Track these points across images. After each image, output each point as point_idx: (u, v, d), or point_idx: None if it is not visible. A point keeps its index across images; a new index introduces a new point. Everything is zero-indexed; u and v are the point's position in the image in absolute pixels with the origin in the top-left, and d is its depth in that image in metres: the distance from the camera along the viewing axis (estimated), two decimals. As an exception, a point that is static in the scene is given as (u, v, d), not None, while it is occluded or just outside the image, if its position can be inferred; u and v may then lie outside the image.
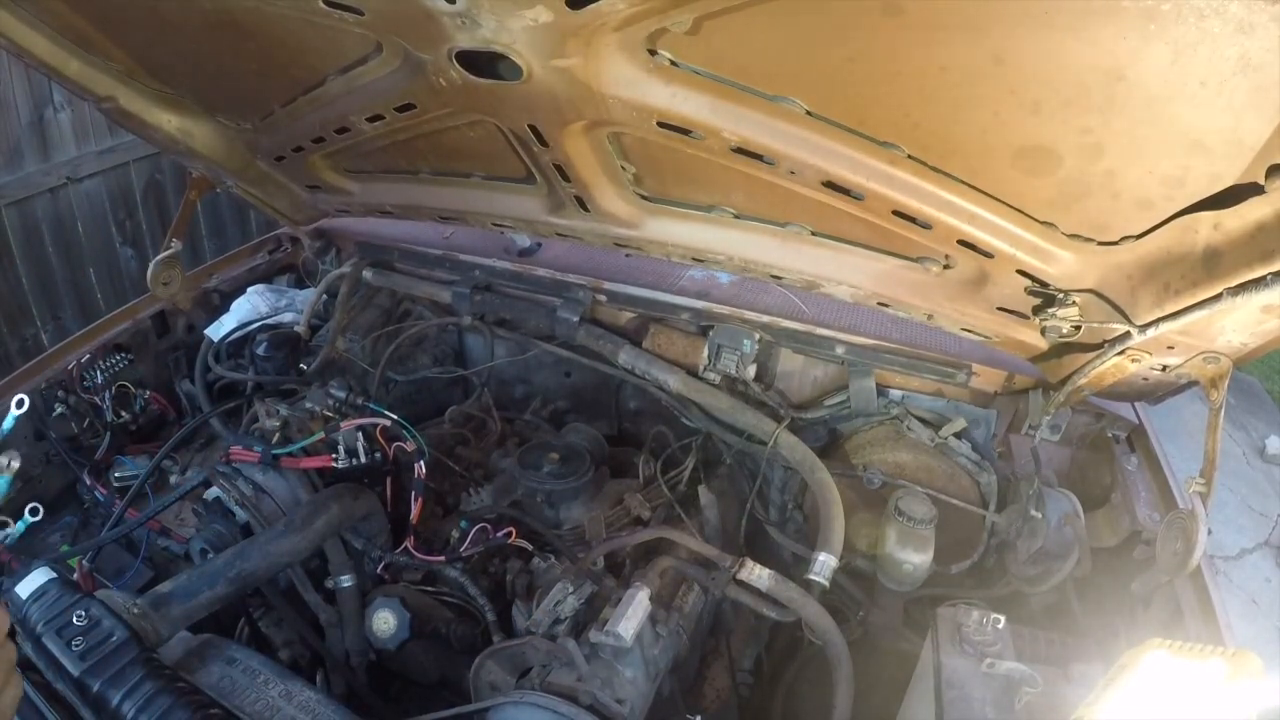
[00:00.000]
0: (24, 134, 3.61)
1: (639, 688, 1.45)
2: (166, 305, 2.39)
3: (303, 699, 1.35)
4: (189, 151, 2.04)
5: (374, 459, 1.88)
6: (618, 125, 1.47)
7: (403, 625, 1.73)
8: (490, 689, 1.54)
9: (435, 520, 2.05)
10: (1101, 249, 1.35)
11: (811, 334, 2.10)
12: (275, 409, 1.92)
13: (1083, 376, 1.62)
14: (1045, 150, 1.18)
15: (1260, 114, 0.99)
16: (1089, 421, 1.93)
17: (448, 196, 2.07)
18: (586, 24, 1.16)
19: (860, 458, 2.04)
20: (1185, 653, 0.99)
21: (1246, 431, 5.15)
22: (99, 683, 1.20)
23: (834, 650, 1.54)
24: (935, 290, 1.69)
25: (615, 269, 2.35)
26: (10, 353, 3.73)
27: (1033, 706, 1.26)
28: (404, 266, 2.55)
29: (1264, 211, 1.10)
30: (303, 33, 1.42)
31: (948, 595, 1.80)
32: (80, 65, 1.72)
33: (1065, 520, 1.69)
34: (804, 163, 1.39)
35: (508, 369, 2.56)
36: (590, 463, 2.08)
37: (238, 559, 1.54)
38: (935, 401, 2.08)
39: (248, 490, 1.76)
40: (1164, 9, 0.89)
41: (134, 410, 2.26)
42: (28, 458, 2.06)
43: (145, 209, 4.26)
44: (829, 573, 1.63)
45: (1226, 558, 4.16)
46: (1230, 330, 1.36)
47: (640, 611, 1.46)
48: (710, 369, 2.12)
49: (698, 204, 1.77)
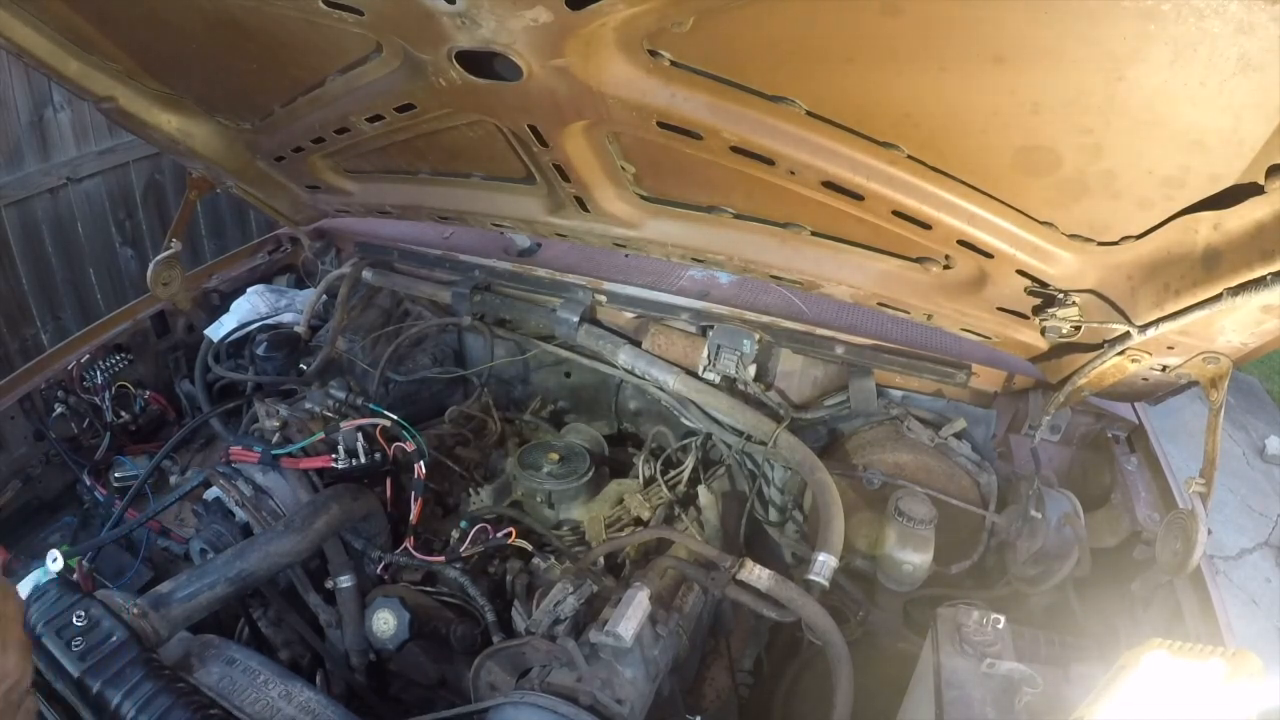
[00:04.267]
0: (24, 134, 3.61)
1: (639, 688, 1.45)
2: (166, 305, 2.39)
3: (303, 699, 1.35)
4: (189, 151, 2.04)
5: (374, 459, 1.88)
6: (618, 125, 1.47)
7: (403, 625, 1.73)
8: (490, 689, 1.54)
9: (435, 520, 2.06)
10: (1101, 249, 1.35)
11: (811, 334, 2.10)
12: (275, 409, 1.92)
13: (1083, 377, 1.62)
14: (1045, 150, 1.18)
15: (1260, 114, 0.99)
16: (1089, 421, 1.93)
17: (447, 196, 2.07)
18: (586, 24, 1.16)
19: (860, 458, 2.04)
20: (1185, 653, 0.99)
21: (1246, 431, 5.16)
22: (99, 683, 1.20)
23: (834, 650, 1.54)
24: (935, 290, 1.69)
25: (615, 269, 2.35)
26: (10, 353, 3.73)
27: (1033, 707, 1.26)
28: (404, 266, 2.55)
29: (1264, 211, 1.10)
30: (303, 33, 1.42)
31: (948, 595, 1.80)
32: (80, 65, 1.72)
33: (1065, 520, 1.69)
34: (804, 163, 1.39)
35: (508, 369, 2.56)
36: (590, 463, 2.08)
37: (238, 559, 1.54)
38: (935, 401, 2.08)
39: (248, 490, 1.76)
40: (1164, 9, 0.89)
41: (134, 410, 2.26)
42: (28, 457, 2.06)
43: (145, 209, 4.26)
44: (829, 573, 1.63)
45: (1226, 558, 4.16)
46: (1230, 330, 1.36)
47: (640, 611, 1.46)
48: (710, 369, 2.12)
49: (698, 204, 1.76)
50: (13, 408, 2.02)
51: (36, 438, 2.08)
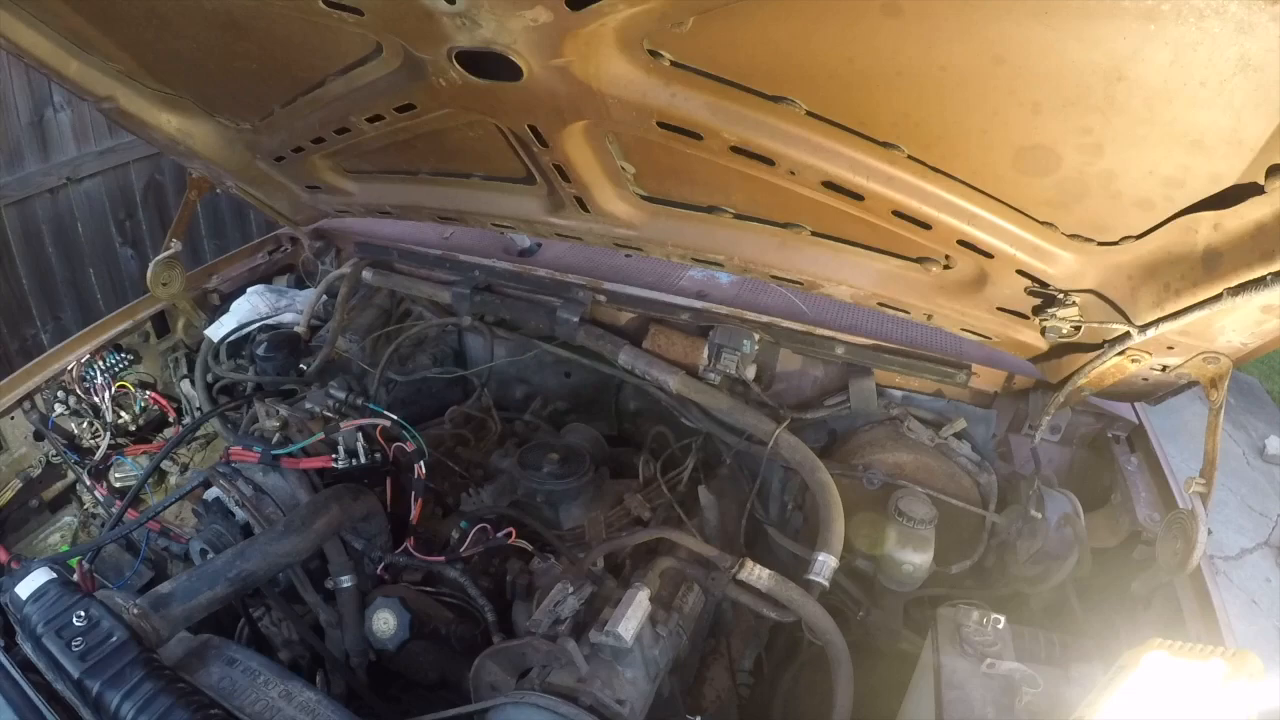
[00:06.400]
0: (24, 134, 3.61)
1: (639, 688, 1.45)
2: (166, 305, 2.39)
3: (303, 699, 1.35)
4: (189, 151, 2.04)
5: (374, 459, 1.88)
6: (618, 125, 1.47)
7: (403, 626, 1.73)
8: (490, 689, 1.54)
9: (435, 521, 2.06)
10: (1101, 249, 1.35)
11: (811, 334, 2.10)
12: (275, 409, 1.92)
13: (1083, 377, 1.61)
14: (1045, 150, 1.18)
15: (1260, 114, 0.99)
16: (1089, 421, 1.93)
17: (448, 196, 2.07)
18: (586, 24, 1.16)
19: (860, 458, 2.04)
20: (1185, 653, 0.99)
21: (1246, 431, 5.16)
22: (99, 683, 1.20)
23: (834, 650, 1.54)
24: (935, 290, 1.69)
25: (615, 269, 2.35)
26: (10, 353, 3.73)
27: (1033, 706, 1.26)
28: (404, 266, 2.54)
29: (1264, 211, 1.10)
30: (303, 33, 1.42)
31: (948, 595, 1.81)
32: (80, 65, 1.72)
33: (1065, 520, 1.69)
34: (804, 163, 1.39)
35: (508, 369, 2.56)
36: (590, 463, 2.08)
37: (238, 559, 1.54)
38: (935, 401, 2.08)
39: (248, 490, 1.76)
40: (1164, 9, 0.89)
41: (134, 410, 2.26)
42: (27, 458, 2.06)
43: (145, 209, 4.26)
44: (829, 573, 1.63)
45: (1226, 558, 4.16)
46: (1230, 330, 1.36)
47: (640, 612, 1.46)
48: (710, 369, 2.12)
49: (698, 204, 1.76)
50: (13, 408, 2.02)
51: (36, 438, 2.08)
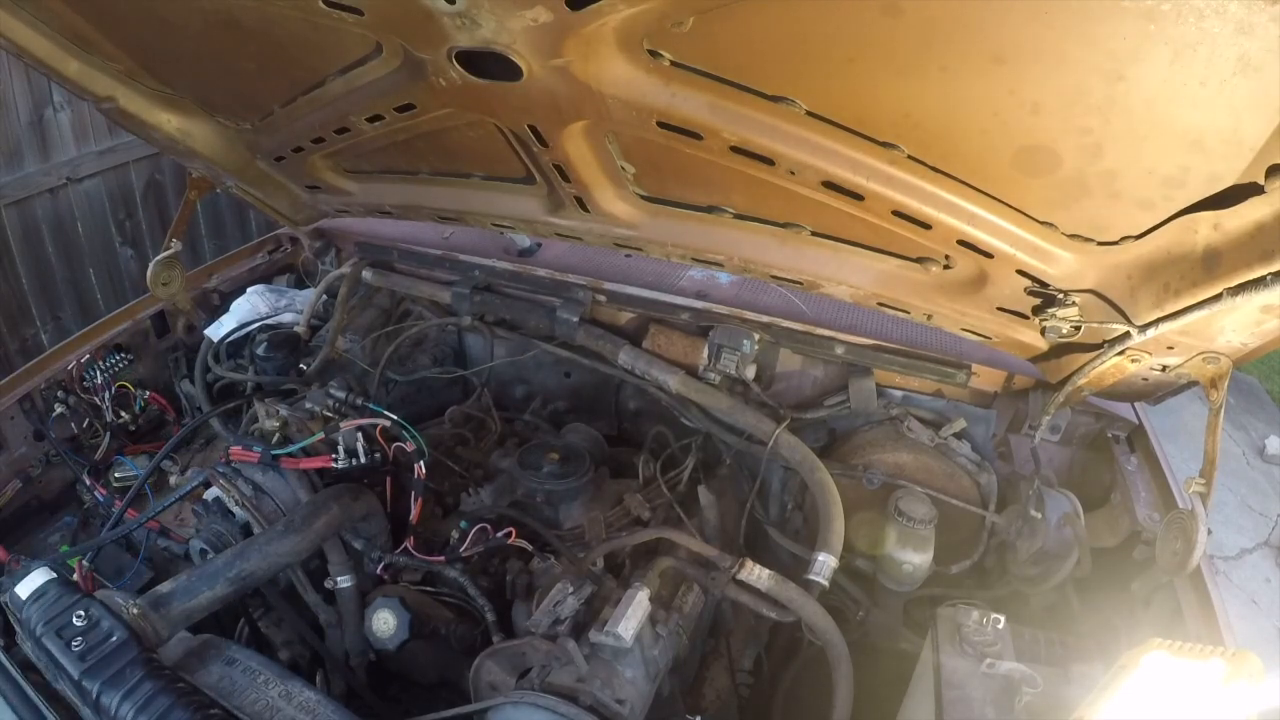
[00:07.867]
0: (24, 134, 3.61)
1: (639, 688, 1.45)
2: (166, 305, 2.39)
3: (302, 699, 1.35)
4: (189, 151, 2.04)
5: (374, 459, 1.88)
6: (618, 125, 1.47)
7: (402, 625, 1.73)
8: (490, 689, 1.54)
9: (435, 520, 2.05)
10: (1101, 249, 1.35)
11: (811, 334, 2.10)
12: (275, 409, 1.92)
13: (1083, 376, 1.62)
14: (1045, 150, 1.18)
15: (1260, 114, 0.99)
16: (1089, 421, 1.93)
17: (448, 196, 2.07)
18: (586, 24, 1.16)
19: (860, 458, 2.04)
20: (1185, 653, 1.00)
21: (1246, 431, 5.16)
22: (99, 683, 1.20)
23: (834, 650, 1.54)
24: (935, 290, 1.69)
25: (615, 269, 2.35)
26: (10, 353, 3.73)
27: (1033, 706, 1.26)
28: (404, 266, 2.55)
29: (1264, 211, 1.10)
30: (303, 33, 1.42)
31: (948, 595, 1.80)
32: (80, 65, 1.72)
33: (1065, 520, 1.69)
34: (804, 163, 1.39)
35: (508, 369, 2.56)
36: (590, 463, 2.08)
37: (238, 559, 1.54)
38: (935, 401, 2.08)
39: (248, 490, 1.76)
40: (1164, 9, 0.89)
41: (134, 410, 2.26)
42: (27, 457, 2.06)
43: (145, 209, 4.26)
44: (829, 573, 1.63)
45: (1226, 558, 4.16)
46: (1230, 330, 1.36)
47: (640, 612, 1.46)
48: (710, 369, 2.12)
49: (698, 204, 1.76)
50: (13, 408, 2.02)
51: (36, 438, 2.08)
